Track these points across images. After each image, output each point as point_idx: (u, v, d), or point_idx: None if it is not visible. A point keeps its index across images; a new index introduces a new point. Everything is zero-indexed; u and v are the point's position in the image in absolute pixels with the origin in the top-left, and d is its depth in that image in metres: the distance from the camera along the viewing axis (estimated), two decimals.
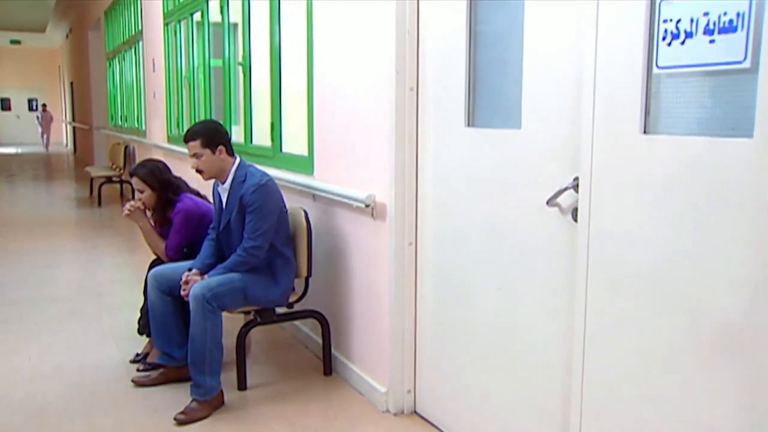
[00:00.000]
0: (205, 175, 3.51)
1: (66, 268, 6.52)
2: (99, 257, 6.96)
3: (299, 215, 3.69)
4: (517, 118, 2.44)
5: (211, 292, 3.28)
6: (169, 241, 3.90)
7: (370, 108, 3.25)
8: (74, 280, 6.05)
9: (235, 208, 3.45)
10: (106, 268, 6.50)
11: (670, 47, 1.84)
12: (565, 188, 2.22)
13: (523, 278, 2.45)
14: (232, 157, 3.55)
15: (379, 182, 3.21)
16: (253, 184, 3.39)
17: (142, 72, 9.86)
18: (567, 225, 2.24)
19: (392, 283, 3.16)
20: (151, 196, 3.91)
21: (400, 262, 3.13)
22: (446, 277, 2.94)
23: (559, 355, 2.31)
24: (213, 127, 3.51)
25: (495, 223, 2.58)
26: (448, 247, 2.90)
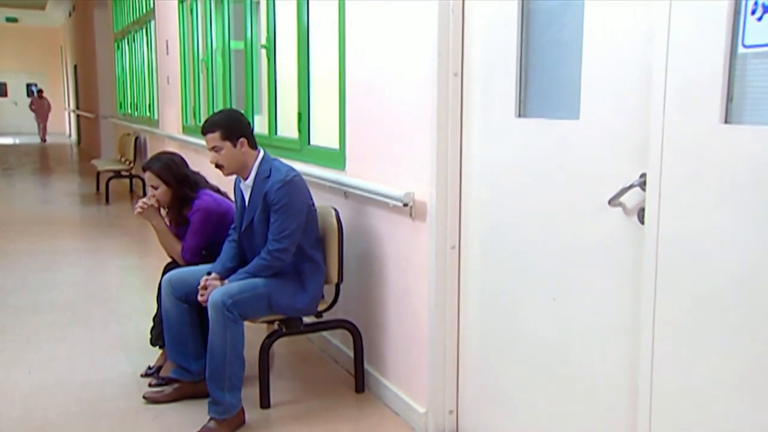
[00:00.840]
0: (226, 170, 3.54)
1: (69, 271, 6.63)
2: (106, 260, 7.06)
3: (329, 215, 3.71)
4: (575, 107, 2.42)
5: (231, 299, 3.31)
6: (185, 243, 3.93)
7: (408, 96, 3.26)
8: (79, 285, 6.14)
9: (259, 207, 3.48)
10: (114, 272, 6.59)
11: (760, 22, 1.77)
12: (631, 186, 2.20)
13: (581, 288, 2.44)
14: (255, 151, 3.57)
15: (419, 178, 3.22)
16: (279, 180, 3.42)
17: (154, 55, 9.99)
18: (632, 227, 2.22)
19: (432, 290, 3.17)
20: (167, 193, 3.94)
21: (441, 267, 3.14)
22: (493, 285, 2.94)
23: (623, 377, 2.28)
24: (234, 117, 3.54)
25: (549, 226, 2.57)
26: (496, 252, 2.90)
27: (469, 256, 3.08)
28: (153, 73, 10.30)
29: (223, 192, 4.18)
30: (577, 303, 2.45)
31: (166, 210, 4.04)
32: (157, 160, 3.96)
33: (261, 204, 3.47)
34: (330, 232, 3.70)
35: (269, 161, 3.55)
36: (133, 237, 8.21)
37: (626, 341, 2.25)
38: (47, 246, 7.69)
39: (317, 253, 3.58)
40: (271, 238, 3.42)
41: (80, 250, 7.52)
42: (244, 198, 3.63)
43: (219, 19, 6.73)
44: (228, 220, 3.94)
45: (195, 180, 4.01)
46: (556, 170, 2.53)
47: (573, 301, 2.48)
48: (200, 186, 4.02)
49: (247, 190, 3.59)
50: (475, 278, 3.05)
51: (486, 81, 2.89)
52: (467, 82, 3.00)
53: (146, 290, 5.82)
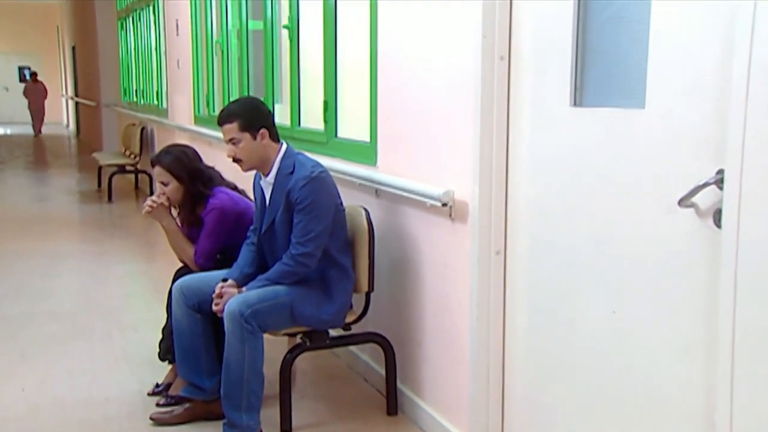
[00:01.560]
0: (245, 165, 3.57)
1: (69, 277, 6.70)
2: (110, 264, 7.13)
3: (359, 216, 3.74)
4: (639, 95, 2.39)
5: (250, 308, 3.34)
6: (199, 246, 3.96)
7: (449, 82, 3.27)
8: (79, 292, 6.20)
9: (281, 206, 3.51)
10: (118, 278, 6.65)
11: None
12: (705, 184, 2.16)
13: (646, 300, 2.41)
14: (277, 144, 3.61)
15: (460, 175, 3.22)
16: (303, 176, 3.45)
17: (162, 36, 10.07)
18: (707, 231, 2.19)
19: (475, 301, 3.17)
20: (178, 190, 3.98)
21: (484, 275, 3.15)
22: (544, 296, 2.92)
23: (695, 402, 2.25)
24: (254, 105, 3.58)
25: (609, 228, 2.55)
26: (547, 258, 2.89)
27: (517, 262, 3.08)
28: (161, 56, 10.39)
29: (241, 189, 4.20)
30: (641, 317, 2.43)
31: (177, 209, 4.08)
32: (168, 154, 3.99)
33: (283, 203, 3.50)
34: (360, 235, 3.71)
35: (293, 155, 3.58)
36: (139, 239, 8.29)
37: (701, 359, 2.22)
38: (44, 249, 7.78)
39: (345, 259, 3.60)
40: (295, 241, 3.45)
41: (81, 254, 7.60)
42: (264, 196, 3.66)
43: None
44: (246, 220, 3.97)
45: (209, 176, 4.04)
46: (618, 166, 2.51)
47: (636, 315, 2.45)
48: (215, 182, 4.04)
49: (268, 187, 3.62)
50: (523, 288, 3.05)
51: (537, 65, 2.89)
52: (515, 66, 2.99)
53: (154, 298, 5.86)
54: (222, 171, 4.22)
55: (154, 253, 7.53)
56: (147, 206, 3.95)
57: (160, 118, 10.39)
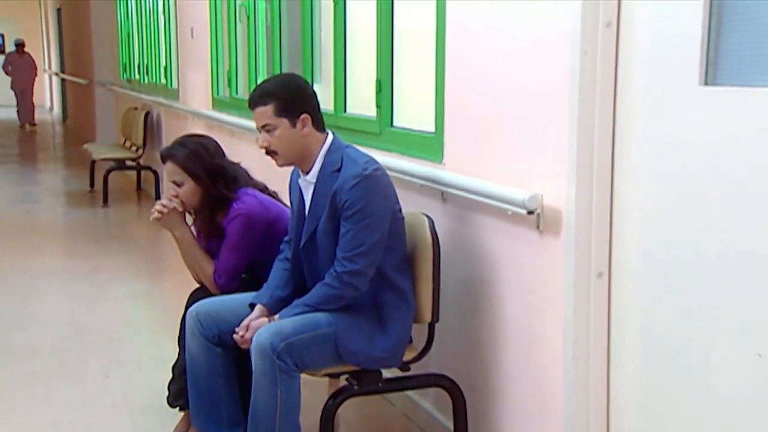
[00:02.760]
0: (281, 159, 3.60)
1: (55, 300, 6.72)
2: (106, 285, 7.16)
3: (421, 226, 3.72)
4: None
5: (284, 341, 3.36)
6: (220, 262, 3.98)
7: (539, 54, 3.25)
8: (67, 321, 6.22)
9: (325, 212, 3.53)
10: (116, 303, 6.66)
11: None
12: None
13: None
14: (321, 133, 3.64)
15: (551, 175, 3.21)
16: (354, 174, 3.47)
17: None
18: None
19: (570, 337, 3.15)
20: (194, 192, 4.00)
21: (583, 303, 3.12)
22: (662, 332, 2.88)
23: None
24: (294, 84, 3.62)
25: (753, 245, 2.49)
26: (667, 282, 2.85)
27: (625, 287, 3.04)
28: (170, 23, 10.50)
29: (273, 191, 4.23)
30: None
31: (192, 216, 4.10)
32: (182, 146, 4.02)
33: (328, 208, 3.51)
34: (422, 250, 3.70)
35: (340, 149, 3.61)
36: (143, 253, 8.31)
37: None
38: (22, 266, 7.84)
39: (404, 280, 3.60)
40: (341, 257, 3.46)
41: (69, 272, 7.64)
42: (303, 199, 3.69)
43: None
44: (279, 230, 4.00)
45: (234, 174, 4.06)
46: (765, 163, 2.45)
47: None
48: (241, 183, 4.07)
49: (309, 188, 3.65)
50: (635, 320, 3.01)
51: (654, 33, 2.85)
52: (626, 35, 2.96)
53: (162, 328, 5.87)
54: (249, 168, 4.24)
55: (162, 271, 7.57)
56: (155, 212, 3.97)
57: (168, 101, 10.49)
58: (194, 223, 4.12)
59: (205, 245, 4.07)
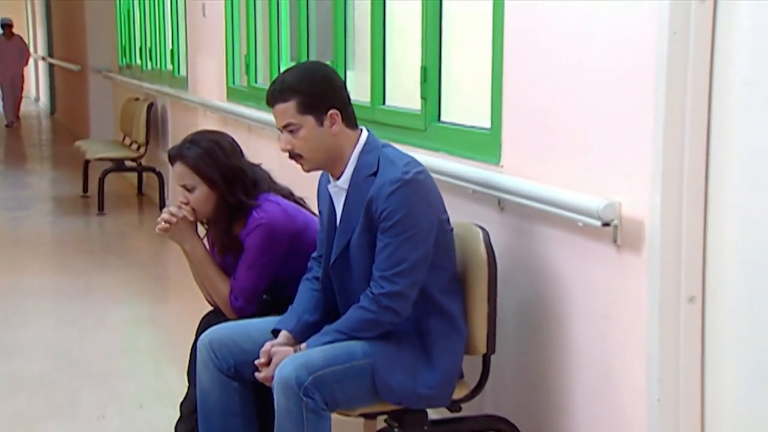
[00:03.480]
0: (307, 162, 3.62)
1: (42, 326, 6.66)
2: (102, 307, 7.09)
3: (474, 239, 3.69)
4: None
5: (312, 375, 3.33)
6: (237, 281, 3.98)
7: (617, 34, 3.22)
8: (56, 349, 6.17)
9: (359, 223, 3.52)
10: (114, 328, 6.61)
11: None
12: None
13: None
14: (354, 131, 3.64)
15: (631, 179, 3.18)
16: (393, 179, 3.45)
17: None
18: None
19: (655, 373, 3.08)
20: (208, 199, 4.00)
21: (671, 333, 3.06)
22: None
23: None
24: (320, 76, 3.61)
25: None
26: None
27: (723, 314, 2.97)
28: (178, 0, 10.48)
29: (299, 198, 4.22)
30: None
31: (205, 227, 4.10)
32: (193, 145, 4.02)
33: (362, 218, 3.50)
34: (474, 268, 3.67)
35: (377, 148, 3.61)
36: (145, 270, 8.25)
37: None
38: (5, 285, 7.78)
39: (453, 303, 3.58)
40: (379, 276, 3.45)
41: (59, 293, 7.60)
42: (334, 208, 3.66)
43: None
44: (306, 244, 3.99)
45: (254, 178, 4.07)
46: None
47: None
48: (262, 188, 4.08)
49: (340, 195, 3.63)
50: (735, 353, 2.94)
51: (760, 10, 2.79)
52: (724, 9, 2.90)
53: (168, 359, 5.82)
54: (270, 171, 4.23)
55: (167, 291, 7.53)
56: (162, 221, 3.97)
57: (176, 91, 10.45)
58: (207, 235, 4.12)
59: (219, 261, 4.07)
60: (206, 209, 4.03)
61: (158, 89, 11.40)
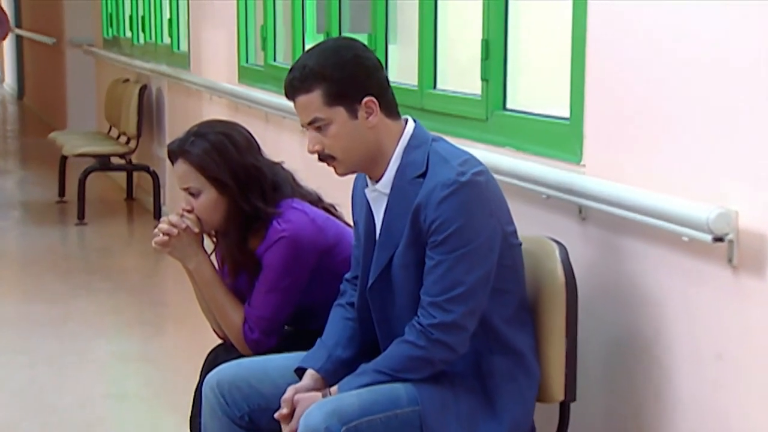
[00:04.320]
0: (341, 165, 3.56)
1: (8, 364, 6.63)
2: (82, 340, 7.04)
3: (548, 257, 3.63)
4: None
5: (345, 425, 3.28)
6: (253, 307, 3.96)
7: (734, 6, 3.13)
8: (27, 393, 6.15)
9: (404, 237, 3.45)
10: (97, 366, 6.59)
11: None
12: None
13: None
14: (396, 122, 3.57)
15: (750, 183, 3.12)
16: (445, 181, 3.38)
17: None
18: None
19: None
20: (217, 205, 3.98)
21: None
22: None
23: None
24: (349, 55, 3.53)
25: None
26: None
27: None
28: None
29: (329, 205, 4.21)
30: None
31: (214, 240, 4.09)
32: (199, 139, 3.99)
33: (408, 230, 3.43)
34: (549, 294, 3.60)
35: (425, 143, 3.53)
36: (136, 294, 8.19)
37: None
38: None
39: (521, 337, 3.53)
40: (429, 302, 3.37)
41: (29, 322, 7.53)
42: (373, 218, 3.61)
43: None
44: (338, 262, 3.95)
45: (274, 180, 4.05)
46: None
47: None
48: (284, 192, 4.07)
49: (380, 202, 3.57)
50: None
51: None
52: None
53: (165, 404, 5.82)
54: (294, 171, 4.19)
55: (164, 320, 7.52)
56: (160, 234, 3.92)
57: (175, 71, 10.32)
58: (216, 251, 4.10)
59: (231, 283, 4.02)
60: (215, 218, 3.98)
61: (153, 68, 11.29)
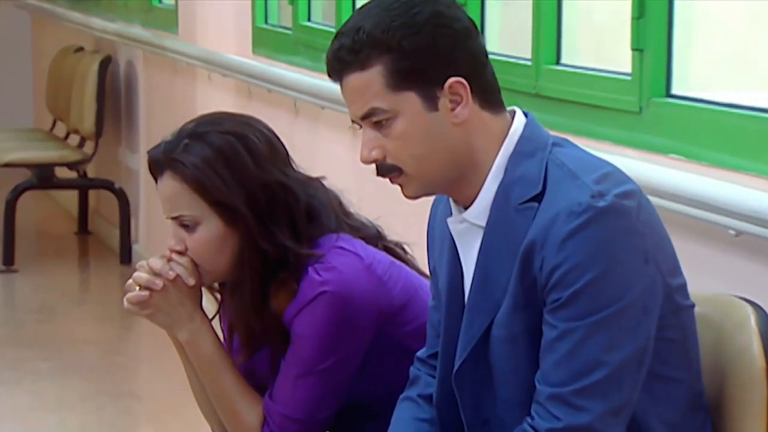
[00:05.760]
0: (412, 182, 3.01)
1: None
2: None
3: (738, 327, 3.17)
4: None
5: None
6: (276, 403, 3.41)
7: None
8: None
9: (509, 290, 2.89)
10: None
11: None
12: None
13: None
14: (498, 116, 3.00)
15: None
16: (573, 208, 2.81)
17: None
18: None
19: None
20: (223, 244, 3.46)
21: None
22: None
23: None
24: (427, 13, 3.01)
25: None
26: None
27: None
28: None
29: (393, 244, 3.59)
30: None
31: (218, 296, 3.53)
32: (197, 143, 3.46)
33: (515, 281, 2.84)
34: (740, 384, 3.12)
35: (540, 147, 2.95)
36: (95, 381, 7.41)
37: None
38: None
39: None
40: (550, 393, 2.82)
41: None
42: (460, 263, 3.02)
43: None
44: (408, 332, 3.40)
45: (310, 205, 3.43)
46: None
47: None
48: (325, 224, 3.44)
49: (471, 238, 2.98)
50: None
51: None
52: None
53: None
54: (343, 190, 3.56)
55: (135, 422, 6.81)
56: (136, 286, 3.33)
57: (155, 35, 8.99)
58: (221, 314, 3.44)
59: (244, 362, 3.42)
60: (220, 264, 3.27)
61: (121, 31, 9.99)
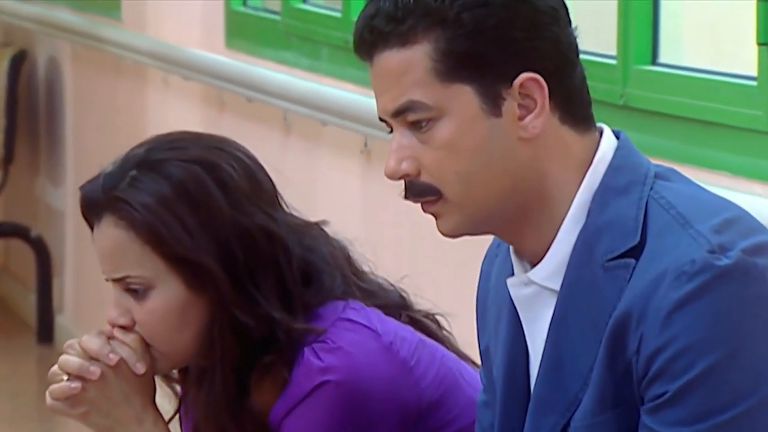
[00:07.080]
0: (453, 210, 2.72)
1: None
2: None
3: None
4: None
5: None
6: None
7: None
8: None
9: (593, 380, 2.62)
10: None
11: None
12: None
13: None
14: (584, 134, 2.76)
15: None
16: (683, 267, 2.48)
17: None
18: None
19: None
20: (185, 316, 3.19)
21: None
22: None
23: None
24: None
25: None
26: None
27: None
28: None
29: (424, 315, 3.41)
30: None
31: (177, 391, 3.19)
32: (148, 175, 3.15)
33: (601, 367, 2.53)
34: None
35: (637, 181, 2.66)
36: None
37: None
38: None
39: None
40: None
41: None
42: (524, 341, 2.75)
43: None
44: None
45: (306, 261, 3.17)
46: None
47: None
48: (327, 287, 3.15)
49: (540, 306, 2.74)
50: None
51: None
52: None
53: None
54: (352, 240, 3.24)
55: None
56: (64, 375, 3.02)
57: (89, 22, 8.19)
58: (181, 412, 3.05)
59: None
60: (181, 344, 2.86)
61: (42, 17, 9.13)
